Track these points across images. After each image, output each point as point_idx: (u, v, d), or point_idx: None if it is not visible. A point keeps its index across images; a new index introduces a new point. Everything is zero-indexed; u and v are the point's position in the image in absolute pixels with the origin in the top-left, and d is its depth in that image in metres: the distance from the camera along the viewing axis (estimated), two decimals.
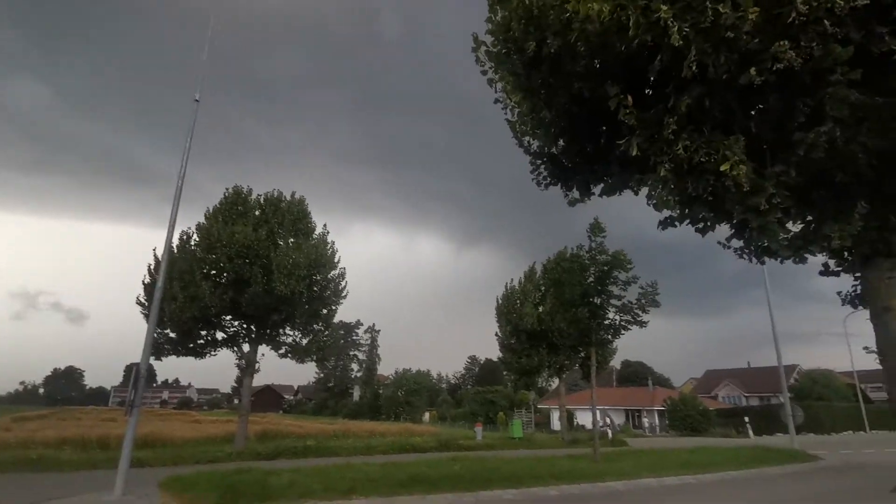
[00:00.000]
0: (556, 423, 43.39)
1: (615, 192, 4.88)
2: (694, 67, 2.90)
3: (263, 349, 18.01)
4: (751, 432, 30.50)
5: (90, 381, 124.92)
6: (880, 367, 4.28)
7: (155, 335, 16.11)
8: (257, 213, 18.08)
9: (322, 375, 70.05)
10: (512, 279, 24.79)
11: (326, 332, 18.88)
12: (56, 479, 11.36)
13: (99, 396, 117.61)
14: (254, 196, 18.46)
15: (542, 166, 5.41)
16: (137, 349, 8.90)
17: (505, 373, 34.45)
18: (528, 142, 5.42)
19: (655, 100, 3.34)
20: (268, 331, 18.03)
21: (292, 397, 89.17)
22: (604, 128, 4.54)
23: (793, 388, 40.65)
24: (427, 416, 56.00)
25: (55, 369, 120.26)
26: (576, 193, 5.45)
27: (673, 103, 3.15)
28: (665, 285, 13.94)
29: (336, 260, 18.54)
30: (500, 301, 24.33)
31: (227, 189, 17.97)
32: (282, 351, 18.29)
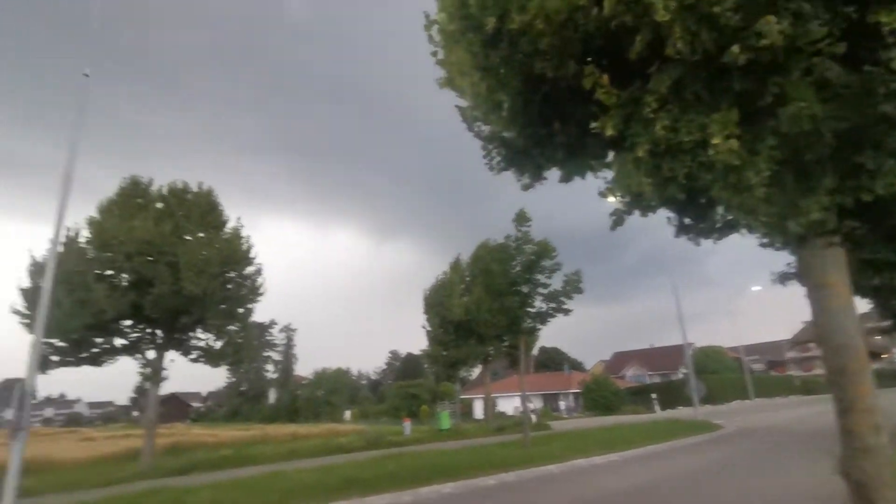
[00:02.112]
0: (478, 412, 44.25)
1: (573, 177, 4.80)
2: (680, 45, 2.80)
3: (172, 354, 16.42)
4: (657, 407, 33.01)
5: None
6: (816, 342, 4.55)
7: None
8: (159, 205, 16.39)
9: (234, 380, 65.94)
10: (444, 272, 24.67)
11: (242, 333, 17.60)
12: None
13: None
14: (155, 187, 16.72)
15: (495, 151, 5.23)
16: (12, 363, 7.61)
17: (426, 365, 34.41)
18: (480, 126, 5.22)
19: (630, 79, 3.23)
20: (176, 335, 16.47)
21: (201, 405, 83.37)
22: (563, 110, 4.41)
23: None
24: (348, 414, 54.86)
25: None
26: (527, 179, 5.34)
27: (652, 83, 3.05)
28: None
29: (252, 255, 17.33)
30: (428, 293, 24.17)
31: (123, 179, 16.09)
32: (193, 356, 16.80)
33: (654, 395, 34.74)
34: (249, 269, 17.24)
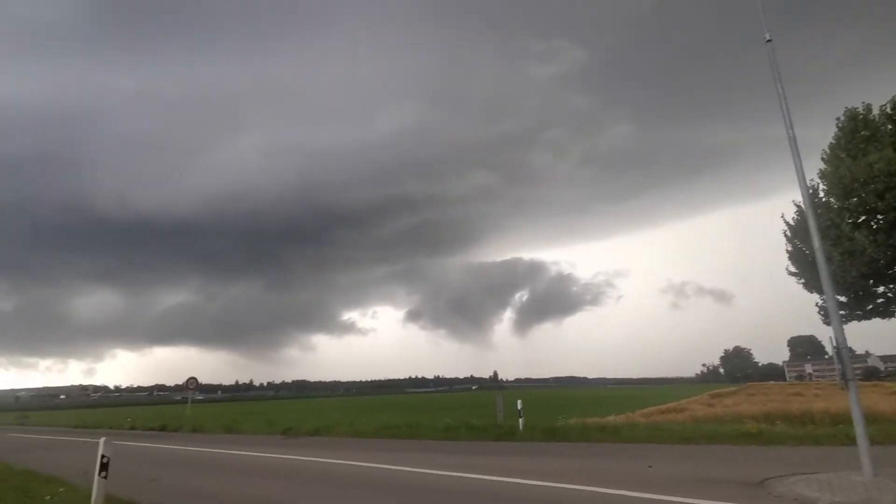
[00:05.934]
0: None
1: None
2: None
3: None
4: None
5: (758, 357, 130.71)
6: None
7: (817, 304, 14.73)
8: (889, 127, 13.96)
9: None
10: None
11: None
12: (781, 452, 11.43)
13: (771, 371, 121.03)
14: (875, 112, 14.47)
15: None
16: (793, 322, 8.08)
17: None
18: None
19: None
20: None
21: None
22: None
23: None
24: None
25: (726, 350, 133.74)
26: None
27: None
28: None
29: None
30: None
31: (837, 119, 14.91)
32: None
33: None
34: None
